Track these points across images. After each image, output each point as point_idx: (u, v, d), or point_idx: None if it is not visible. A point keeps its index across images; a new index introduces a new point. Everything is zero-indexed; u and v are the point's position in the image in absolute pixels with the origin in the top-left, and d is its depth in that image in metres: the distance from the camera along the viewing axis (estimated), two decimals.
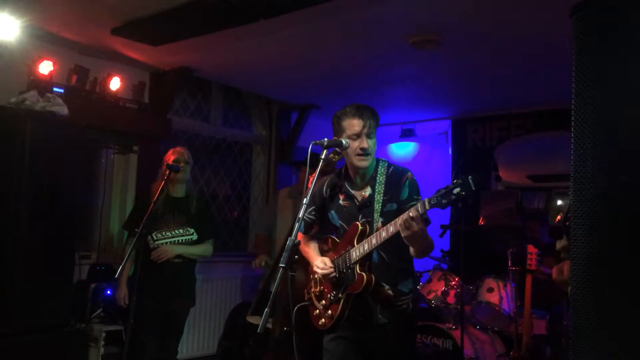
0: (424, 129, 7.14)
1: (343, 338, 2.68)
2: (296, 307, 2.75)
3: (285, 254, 2.36)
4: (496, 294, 4.66)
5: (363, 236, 2.58)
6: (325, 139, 2.62)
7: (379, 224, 2.58)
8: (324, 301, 2.72)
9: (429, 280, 5.01)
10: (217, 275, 5.62)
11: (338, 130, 2.70)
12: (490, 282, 4.75)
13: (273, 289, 2.34)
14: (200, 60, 4.94)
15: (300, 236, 2.88)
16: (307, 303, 2.86)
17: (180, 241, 3.88)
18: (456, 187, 2.25)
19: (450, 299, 4.77)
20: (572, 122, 1.49)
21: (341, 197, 2.77)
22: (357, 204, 2.70)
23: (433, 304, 4.87)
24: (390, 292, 2.63)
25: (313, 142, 2.63)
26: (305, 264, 2.98)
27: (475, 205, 6.05)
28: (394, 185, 2.66)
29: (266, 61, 4.87)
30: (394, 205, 2.64)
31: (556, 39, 3.78)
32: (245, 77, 5.52)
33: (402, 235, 2.37)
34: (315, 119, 6.47)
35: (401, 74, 5.12)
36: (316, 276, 2.79)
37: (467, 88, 5.61)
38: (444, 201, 2.28)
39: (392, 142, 7.45)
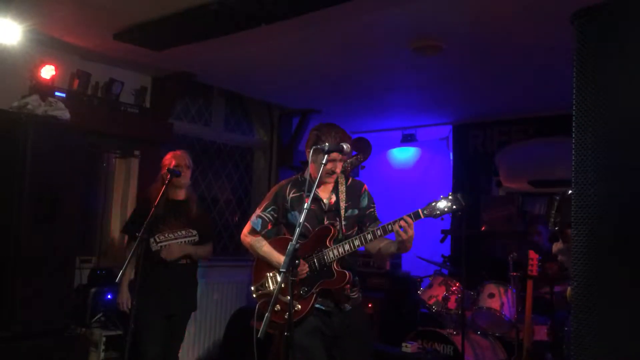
0: (425, 134, 7.14)
1: (317, 331, 2.90)
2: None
3: (286, 259, 2.40)
4: (497, 299, 4.65)
5: (333, 238, 2.93)
6: (327, 144, 2.74)
7: (343, 227, 2.97)
8: (288, 297, 2.84)
9: (430, 286, 5.00)
10: (217, 279, 5.62)
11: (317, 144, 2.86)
12: (491, 287, 4.74)
13: (274, 293, 2.42)
14: (201, 65, 4.95)
15: (248, 236, 3.14)
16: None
17: (183, 242, 3.86)
18: (448, 202, 2.76)
19: (451, 305, 4.76)
20: (573, 128, 1.49)
21: (306, 199, 2.85)
22: (324, 207, 3.01)
23: (434, 309, 4.86)
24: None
25: (314, 146, 2.73)
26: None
27: (476, 210, 6.04)
28: (354, 194, 3.06)
29: (268, 66, 4.88)
30: (355, 211, 3.04)
31: (557, 44, 3.78)
32: (247, 82, 5.53)
33: (397, 239, 2.74)
34: (316, 124, 6.46)
35: (402, 79, 5.13)
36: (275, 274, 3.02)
37: (468, 93, 5.61)
38: (436, 212, 2.76)
39: (393, 147, 7.45)
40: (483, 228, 5.90)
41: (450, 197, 2.76)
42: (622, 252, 1.38)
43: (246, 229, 3.16)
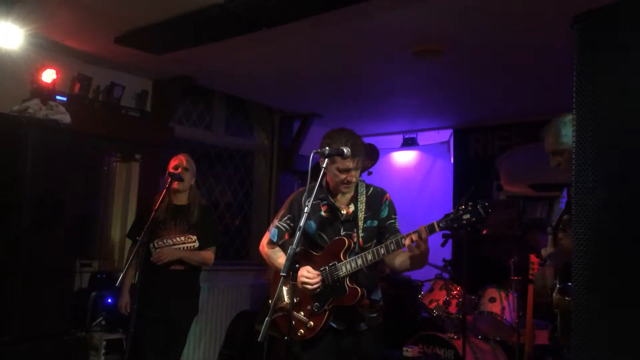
0: (426, 137, 7.15)
1: (327, 351, 2.76)
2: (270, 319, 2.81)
3: (286, 263, 2.38)
4: (498, 303, 4.64)
5: (349, 251, 2.72)
6: (327, 148, 2.68)
7: (360, 239, 2.77)
8: (302, 312, 2.76)
9: (431, 290, 5.00)
10: (218, 283, 5.61)
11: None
12: (492, 291, 4.73)
13: (274, 297, 2.39)
14: (202, 69, 4.95)
15: (265, 247, 2.99)
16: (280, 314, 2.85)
17: (182, 248, 3.83)
18: (466, 213, 2.45)
19: (452, 309, 4.76)
20: (574, 132, 1.49)
21: (323, 207, 2.82)
22: (341, 217, 2.82)
23: (435, 313, 4.85)
24: (367, 300, 2.78)
25: (314, 150, 2.68)
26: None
27: None
28: (374, 204, 2.84)
29: (269, 70, 4.89)
30: (375, 222, 2.82)
31: (557, 48, 3.78)
32: (248, 85, 5.54)
33: (410, 254, 2.57)
34: (317, 128, 6.47)
35: (403, 83, 5.13)
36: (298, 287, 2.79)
37: (469, 97, 5.61)
38: (454, 225, 2.47)
39: (394, 151, 7.46)
40: (484, 232, 5.89)
41: (470, 208, 2.44)
42: (622, 254, 1.38)
43: (264, 240, 3.01)
